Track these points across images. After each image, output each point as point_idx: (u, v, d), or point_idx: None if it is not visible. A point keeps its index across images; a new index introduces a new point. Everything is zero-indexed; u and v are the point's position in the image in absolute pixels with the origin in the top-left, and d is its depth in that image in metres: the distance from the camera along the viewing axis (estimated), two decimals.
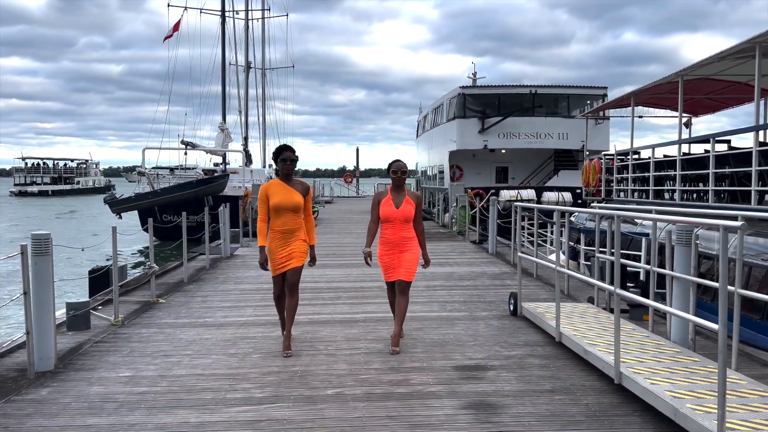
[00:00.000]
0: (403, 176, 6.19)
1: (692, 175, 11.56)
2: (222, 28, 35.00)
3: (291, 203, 5.95)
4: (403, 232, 6.09)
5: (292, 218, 5.99)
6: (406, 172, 6.21)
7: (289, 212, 5.96)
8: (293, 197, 5.97)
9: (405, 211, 6.08)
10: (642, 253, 9.00)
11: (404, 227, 6.08)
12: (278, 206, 5.92)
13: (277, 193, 5.96)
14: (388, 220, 6.08)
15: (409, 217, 6.09)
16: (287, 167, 6.07)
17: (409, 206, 6.10)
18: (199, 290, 9.71)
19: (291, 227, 6.00)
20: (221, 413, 4.51)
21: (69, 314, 6.99)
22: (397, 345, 6.02)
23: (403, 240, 6.09)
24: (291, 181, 6.09)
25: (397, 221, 6.06)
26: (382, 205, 6.13)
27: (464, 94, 27.45)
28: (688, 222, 5.20)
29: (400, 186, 6.19)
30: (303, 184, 6.18)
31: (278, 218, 5.97)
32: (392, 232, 6.09)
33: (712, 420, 3.71)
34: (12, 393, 4.97)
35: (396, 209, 6.07)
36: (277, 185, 6.03)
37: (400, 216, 6.06)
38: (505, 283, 10.11)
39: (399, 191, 6.17)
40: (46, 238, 5.70)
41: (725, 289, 3.60)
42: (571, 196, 23.96)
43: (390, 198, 6.13)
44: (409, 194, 6.18)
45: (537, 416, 4.42)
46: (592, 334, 6.00)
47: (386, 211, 6.10)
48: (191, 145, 32.29)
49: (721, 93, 13.69)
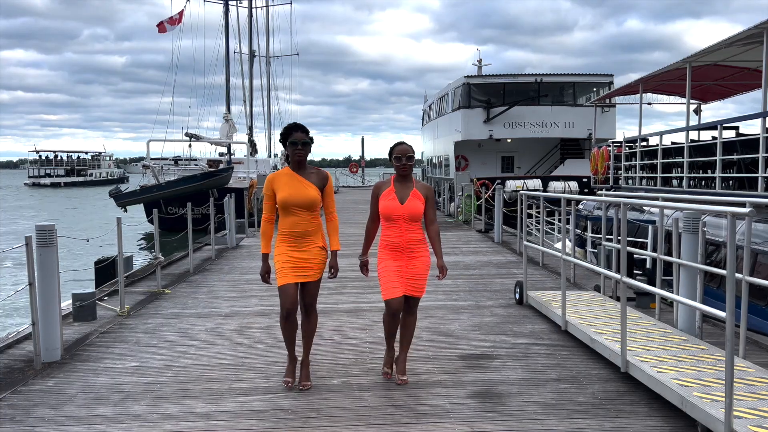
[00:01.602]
0: (410, 163, 4.83)
1: (700, 162, 11.49)
2: (225, 17, 34.91)
3: (303, 198, 4.66)
4: (411, 234, 4.78)
5: (306, 218, 4.70)
6: (414, 158, 4.88)
7: (302, 210, 4.68)
8: (306, 191, 4.68)
9: (411, 208, 4.75)
10: (648, 241, 8.95)
11: (411, 227, 4.78)
12: (287, 202, 4.65)
13: (286, 186, 4.69)
14: (390, 219, 4.76)
15: (417, 215, 4.78)
16: (299, 152, 4.71)
17: (416, 201, 4.77)
18: (204, 281, 9.72)
19: (304, 229, 4.70)
20: (227, 403, 4.51)
21: (75, 305, 7.01)
22: (404, 373, 4.93)
23: (412, 243, 4.79)
24: (304, 170, 4.79)
25: (401, 220, 4.75)
26: (382, 199, 4.80)
27: (469, 83, 27.30)
28: (695, 209, 5.15)
29: (406, 175, 4.86)
30: (320, 173, 4.84)
31: (287, 217, 4.71)
32: (396, 233, 4.77)
33: (720, 408, 3.68)
34: (19, 383, 4.98)
35: (400, 205, 4.74)
36: (285, 176, 4.75)
37: (405, 213, 4.74)
38: (510, 272, 10.09)
39: (405, 182, 4.84)
40: (50, 229, 5.70)
41: (733, 277, 3.57)
42: (578, 185, 23.85)
43: (392, 190, 4.79)
44: (418, 185, 4.86)
45: (543, 405, 4.41)
46: (598, 322, 5.98)
47: (387, 206, 4.76)
48: (195, 137, 32.31)
49: (729, 79, 13.58)
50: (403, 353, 4.96)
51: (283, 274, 4.70)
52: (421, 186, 4.88)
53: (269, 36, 41.52)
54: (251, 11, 37.03)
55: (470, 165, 27.89)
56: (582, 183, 23.51)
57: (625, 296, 5.05)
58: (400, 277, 4.78)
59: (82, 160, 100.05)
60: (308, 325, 4.90)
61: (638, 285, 5.30)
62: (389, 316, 4.89)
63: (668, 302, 6.94)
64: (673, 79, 12.96)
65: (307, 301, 4.83)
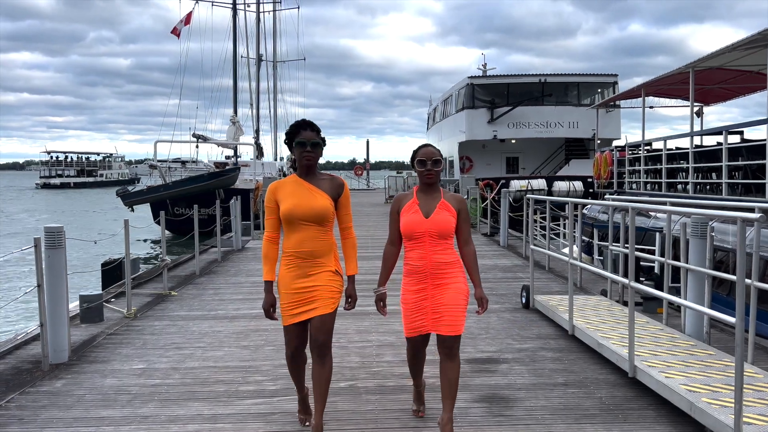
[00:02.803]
0: (437, 169, 3.92)
1: (705, 167, 11.47)
2: (233, 20, 35.04)
3: (312, 210, 3.78)
4: (438, 255, 3.85)
5: (315, 234, 3.81)
6: (441, 162, 3.96)
7: (310, 224, 3.80)
8: (316, 201, 3.80)
9: (439, 222, 3.84)
10: (656, 247, 8.93)
11: (438, 247, 3.85)
12: (291, 215, 3.77)
13: (291, 195, 3.81)
14: (412, 237, 3.87)
15: (446, 231, 3.86)
16: (307, 155, 3.81)
17: (446, 214, 3.87)
18: (210, 283, 9.74)
19: (312, 248, 3.80)
20: (234, 406, 4.52)
21: (82, 306, 7.03)
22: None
23: (439, 267, 3.86)
24: (314, 176, 3.89)
25: (425, 237, 3.84)
26: (403, 214, 3.91)
27: (473, 84, 27.31)
28: (704, 214, 5.14)
29: (433, 184, 3.96)
30: (334, 180, 3.96)
31: (293, 233, 3.82)
32: (421, 254, 3.86)
33: (729, 414, 3.67)
34: (27, 385, 5.00)
35: (424, 219, 3.85)
36: (291, 183, 3.87)
37: (433, 230, 3.83)
38: (516, 276, 10.08)
39: (430, 192, 3.95)
40: (59, 231, 5.73)
41: (743, 282, 3.56)
42: (583, 185, 23.82)
43: (415, 202, 3.92)
44: (447, 196, 3.97)
45: (550, 409, 4.40)
46: (605, 327, 5.96)
47: (409, 222, 3.86)
48: (203, 138, 32.44)
49: (732, 82, 13.59)
50: (447, 413, 3.87)
51: (285, 311, 3.86)
52: (451, 197, 3.98)
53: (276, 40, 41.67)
54: (259, 15, 37.17)
55: (475, 166, 27.90)
56: (587, 183, 23.49)
57: (633, 300, 5.04)
58: (424, 310, 3.87)
59: (93, 161, 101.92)
60: (322, 372, 3.84)
61: (646, 289, 5.29)
62: (411, 355, 4.14)
63: (675, 307, 6.92)
64: (676, 82, 12.97)
65: (318, 340, 3.80)
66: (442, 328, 3.83)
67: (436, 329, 3.85)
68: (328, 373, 3.87)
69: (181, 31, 32.28)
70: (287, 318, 3.85)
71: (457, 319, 3.83)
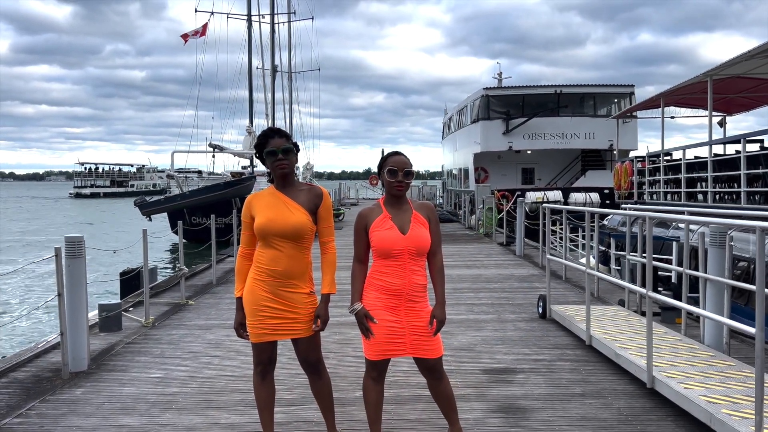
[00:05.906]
0: (407, 180, 3.58)
1: (724, 176, 11.36)
2: (248, 32, 35.37)
3: (286, 226, 3.51)
4: (417, 277, 3.56)
5: (291, 252, 3.55)
6: (413, 174, 3.63)
7: (284, 241, 3.54)
8: (291, 215, 3.53)
9: (417, 238, 3.53)
10: (674, 257, 8.86)
11: (417, 266, 3.56)
12: (265, 230, 3.52)
13: (266, 208, 3.57)
14: (389, 255, 3.52)
15: (425, 247, 3.56)
16: (280, 163, 3.58)
17: (422, 229, 3.57)
18: (227, 292, 9.79)
19: (285, 267, 3.55)
20: (250, 415, 4.53)
21: (101, 315, 7.11)
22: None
23: (416, 290, 3.56)
24: (291, 187, 3.65)
25: (405, 256, 3.52)
26: (375, 230, 3.55)
27: (488, 95, 27.31)
28: (722, 224, 5.10)
29: (401, 196, 3.62)
30: (312, 190, 3.67)
31: (266, 250, 3.57)
32: (399, 273, 3.53)
33: (749, 426, 3.63)
34: (47, 393, 5.06)
35: (402, 236, 3.52)
36: (267, 196, 3.64)
37: (412, 246, 3.52)
38: (533, 286, 10.03)
39: (399, 204, 3.62)
40: (79, 240, 5.80)
41: (762, 292, 3.52)
42: (599, 196, 23.66)
43: (387, 216, 3.57)
44: (416, 206, 3.67)
45: (568, 420, 4.37)
46: (623, 337, 5.92)
47: (385, 239, 3.52)
48: (219, 148, 32.71)
49: (754, 91, 13.45)
50: (456, 426, 3.76)
51: (252, 330, 3.63)
52: (420, 206, 3.68)
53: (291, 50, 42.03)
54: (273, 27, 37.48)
55: (490, 177, 27.87)
56: (604, 194, 23.32)
57: (651, 311, 5.00)
58: (399, 332, 3.56)
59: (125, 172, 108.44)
60: (321, 385, 3.81)
61: (664, 299, 5.25)
62: (373, 387, 3.70)
63: (694, 317, 6.85)
64: (695, 92, 12.88)
65: (308, 359, 3.72)
66: (426, 353, 3.59)
67: (417, 353, 3.59)
68: (328, 385, 3.81)
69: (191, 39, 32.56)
70: (254, 336, 3.65)
71: (437, 340, 3.62)
